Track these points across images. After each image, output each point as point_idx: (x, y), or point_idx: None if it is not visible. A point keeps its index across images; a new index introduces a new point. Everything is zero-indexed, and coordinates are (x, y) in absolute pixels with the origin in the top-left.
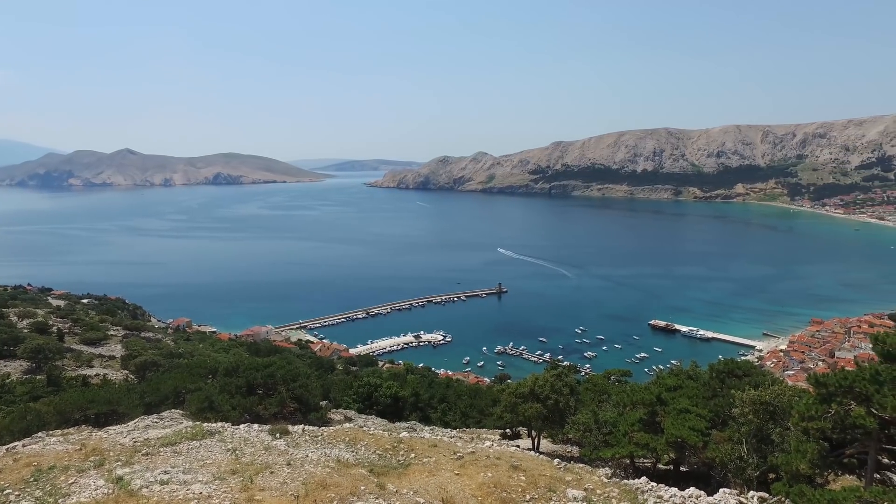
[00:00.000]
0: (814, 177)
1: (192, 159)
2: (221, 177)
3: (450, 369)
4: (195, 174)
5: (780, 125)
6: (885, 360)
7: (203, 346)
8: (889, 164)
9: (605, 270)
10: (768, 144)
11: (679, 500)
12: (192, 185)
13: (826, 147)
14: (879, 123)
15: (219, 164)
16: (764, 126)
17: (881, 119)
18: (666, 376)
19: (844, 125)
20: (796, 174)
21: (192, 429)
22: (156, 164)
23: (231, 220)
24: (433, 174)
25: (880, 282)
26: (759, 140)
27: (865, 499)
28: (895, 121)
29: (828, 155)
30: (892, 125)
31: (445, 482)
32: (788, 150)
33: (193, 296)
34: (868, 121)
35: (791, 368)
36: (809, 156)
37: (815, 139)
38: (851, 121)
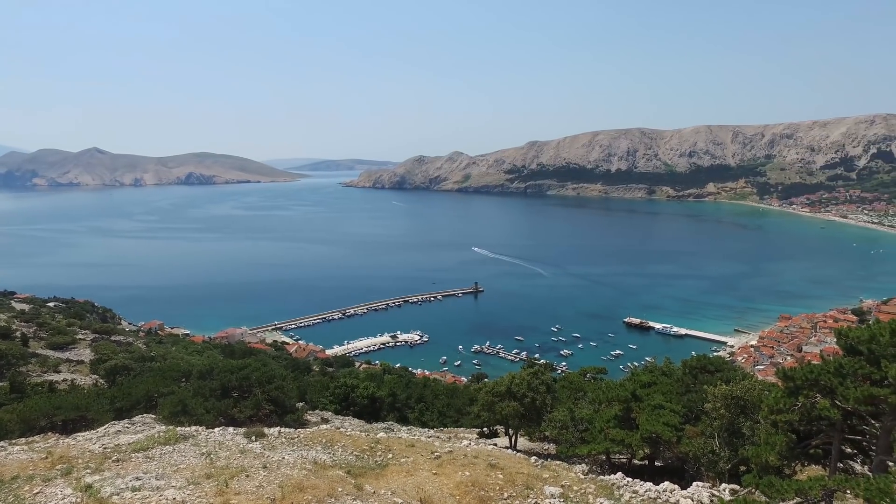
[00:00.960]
0: (781, 176)
1: (164, 159)
2: (194, 177)
3: (427, 369)
4: (167, 174)
5: (749, 126)
6: (847, 354)
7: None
8: (851, 165)
9: (580, 269)
10: (738, 144)
11: (654, 494)
12: (164, 185)
13: (793, 147)
14: (842, 125)
15: (191, 163)
16: (734, 126)
17: (843, 121)
18: (640, 373)
19: (810, 126)
20: (765, 174)
21: (165, 433)
22: (125, 163)
23: (204, 221)
24: (409, 174)
25: (844, 278)
26: (729, 140)
27: (829, 487)
28: (856, 123)
29: (794, 155)
30: (854, 127)
31: (423, 482)
32: (757, 150)
33: (166, 298)
34: (831, 122)
35: (761, 363)
36: (777, 156)
37: (782, 139)
38: (816, 122)
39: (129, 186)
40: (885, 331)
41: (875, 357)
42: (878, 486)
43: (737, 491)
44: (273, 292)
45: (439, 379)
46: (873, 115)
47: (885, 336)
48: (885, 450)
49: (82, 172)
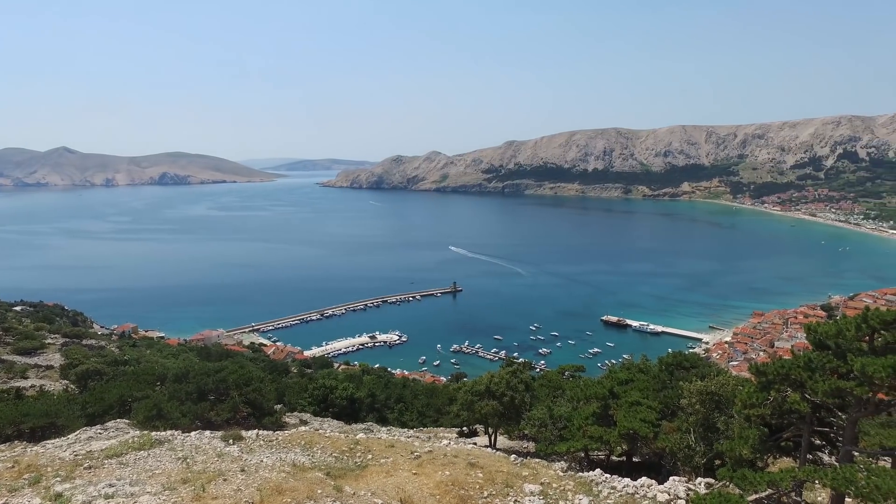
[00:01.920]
0: (754, 175)
1: (137, 158)
2: (168, 177)
3: (406, 369)
4: (140, 174)
5: (722, 126)
6: (816, 348)
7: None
8: (820, 164)
9: (558, 268)
10: (712, 144)
11: (631, 489)
12: (137, 185)
13: (764, 147)
14: (810, 126)
15: (165, 163)
16: (707, 127)
17: (812, 122)
18: (618, 370)
19: (780, 126)
20: (738, 173)
21: (140, 438)
22: (96, 163)
23: (179, 222)
24: (387, 174)
25: (814, 275)
26: (703, 140)
27: (799, 478)
28: (823, 124)
29: (766, 155)
30: (821, 128)
31: (403, 482)
32: (730, 149)
33: (139, 300)
34: (800, 123)
35: (735, 359)
36: (749, 155)
37: (754, 140)
38: (786, 123)
39: (101, 187)
40: (851, 326)
41: (842, 351)
42: (844, 475)
43: (712, 484)
44: (250, 294)
45: (418, 379)
46: (839, 116)
47: (850, 331)
48: (850, 440)
49: (50, 172)
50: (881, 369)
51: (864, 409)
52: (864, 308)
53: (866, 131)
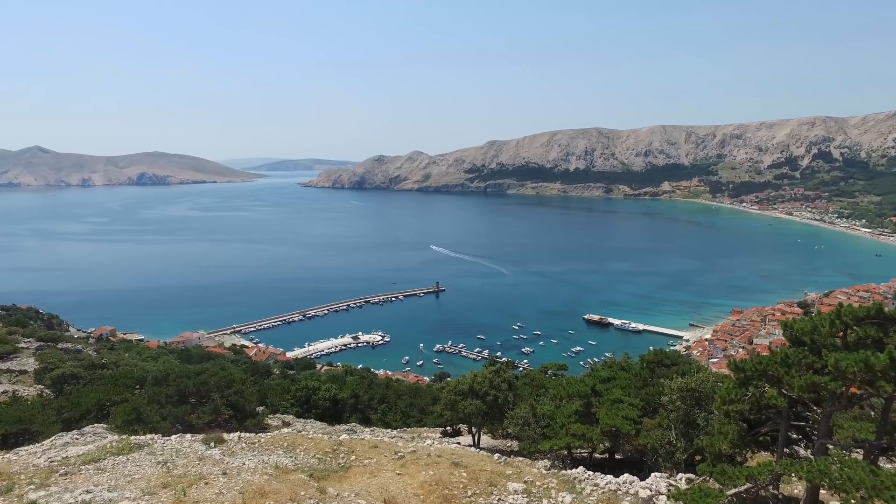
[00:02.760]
0: (732, 175)
1: (114, 158)
2: (146, 177)
3: (389, 369)
4: (117, 174)
5: (701, 126)
6: (793, 345)
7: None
8: (796, 164)
9: (540, 267)
10: (691, 144)
11: (614, 486)
12: (114, 185)
13: (742, 147)
14: (786, 126)
15: (143, 163)
16: (687, 127)
17: (788, 122)
18: (600, 368)
19: (758, 127)
20: (717, 172)
21: (118, 443)
22: (72, 163)
23: (158, 223)
24: (369, 173)
25: (790, 272)
26: (682, 140)
27: (776, 471)
28: (799, 124)
29: (744, 155)
30: (797, 128)
31: (387, 482)
32: (709, 149)
33: (118, 302)
34: (777, 124)
35: (715, 356)
36: (728, 155)
37: (732, 140)
38: (763, 123)
39: (77, 187)
40: (826, 322)
41: (817, 347)
42: (819, 467)
43: (692, 479)
44: (231, 295)
45: (402, 379)
46: (814, 117)
47: (825, 327)
48: (825, 434)
49: (23, 172)
50: (853, 364)
51: (838, 403)
52: (838, 304)
53: (839, 132)
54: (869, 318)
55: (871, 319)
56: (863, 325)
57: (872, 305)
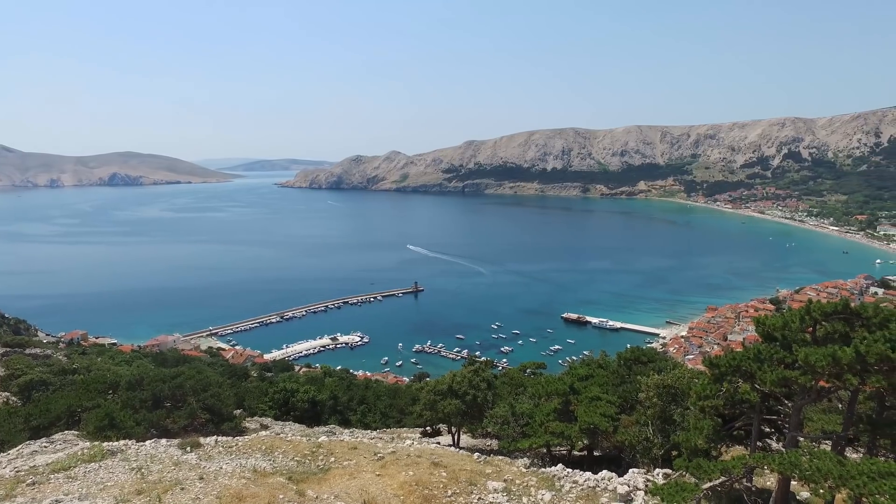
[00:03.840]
0: (706, 174)
1: (84, 158)
2: (119, 177)
3: (368, 370)
4: (88, 174)
5: (676, 126)
6: (765, 341)
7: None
8: (767, 164)
9: (519, 266)
10: (666, 144)
11: (593, 483)
12: (85, 186)
13: (716, 147)
14: (758, 127)
15: (115, 163)
16: (662, 127)
17: (759, 123)
18: (578, 367)
19: (730, 127)
20: (691, 172)
21: (90, 450)
22: (39, 162)
23: (131, 224)
24: (346, 174)
25: (762, 270)
26: (658, 140)
27: (749, 464)
28: (770, 125)
29: (717, 154)
30: (768, 129)
31: (367, 484)
32: (684, 149)
33: (89, 306)
34: (749, 124)
35: (691, 353)
36: (702, 155)
37: (706, 140)
38: (736, 123)
39: (45, 188)
40: (796, 318)
41: (788, 342)
42: (790, 460)
43: (669, 475)
44: (207, 297)
45: (381, 380)
46: (784, 118)
47: (795, 323)
48: (796, 426)
49: None
50: (822, 358)
51: (808, 397)
52: (808, 301)
53: (808, 132)
54: (836, 314)
55: (838, 315)
56: (830, 321)
57: (839, 301)
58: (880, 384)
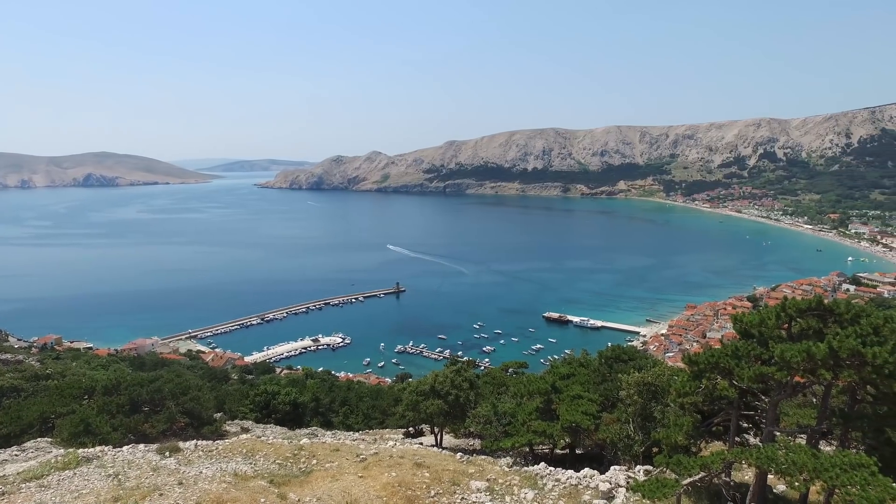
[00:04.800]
0: (685, 174)
1: (57, 158)
2: (93, 178)
3: (350, 372)
4: (61, 175)
5: (654, 126)
6: (742, 337)
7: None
8: (744, 164)
9: (500, 266)
10: (645, 144)
11: (575, 480)
12: (58, 187)
13: (694, 147)
14: (735, 127)
15: (90, 163)
16: (641, 127)
17: (735, 123)
18: (559, 365)
19: (708, 128)
20: (670, 172)
21: (64, 457)
22: (9, 163)
23: (107, 226)
24: (327, 174)
25: (740, 268)
26: (637, 140)
27: (728, 459)
28: (746, 125)
29: (695, 154)
30: (744, 129)
31: (349, 485)
32: (663, 149)
33: (64, 310)
34: (726, 125)
35: (671, 350)
36: (680, 155)
37: (684, 140)
38: (713, 124)
39: (15, 189)
40: (772, 315)
41: (764, 339)
42: (767, 454)
43: (650, 471)
44: (186, 299)
45: (363, 381)
46: (759, 118)
47: (771, 320)
48: (772, 421)
49: None
50: (797, 354)
51: (783, 392)
52: (783, 298)
53: (783, 133)
54: (810, 311)
55: (812, 311)
56: (805, 317)
57: (813, 298)
58: (852, 378)
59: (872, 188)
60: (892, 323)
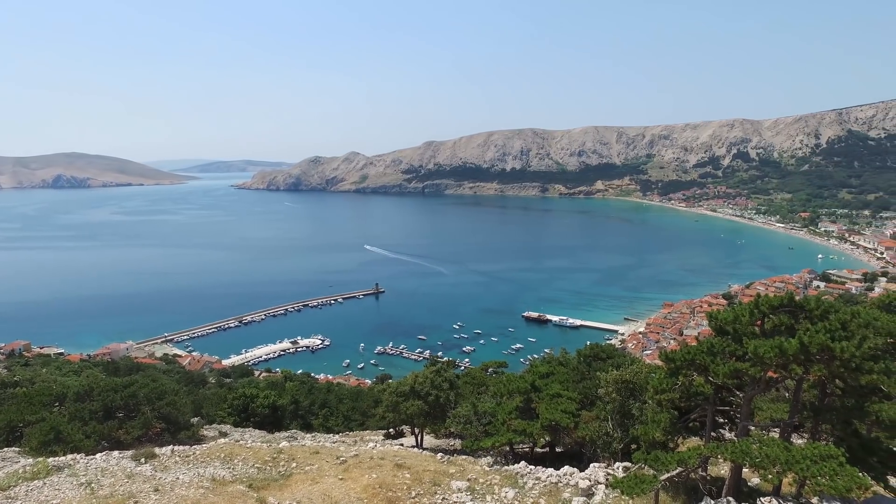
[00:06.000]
0: (661, 174)
1: (25, 159)
2: (63, 179)
3: (330, 373)
4: (29, 176)
5: (631, 127)
6: (717, 334)
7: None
8: (718, 164)
9: (479, 266)
10: (622, 144)
11: (555, 479)
12: (26, 188)
13: (669, 147)
14: (709, 128)
15: (60, 164)
16: (618, 127)
17: (710, 124)
18: (539, 364)
19: (683, 128)
20: (647, 171)
21: (33, 467)
22: None
23: (78, 228)
24: (305, 175)
25: (715, 266)
26: (614, 140)
27: (704, 454)
28: (720, 126)
29: (671, 154)
30: (718, 130)
31: (329, 488)
32: (639, 149)
33: (32, 315)
34: (700, 125)
35: (649, 348)
36: (656, 155)
37: (660, 140)
38: (688, 124)
39: None
40: (745, 312)
41: (738, 335)
42: (741, 448)
43: (629, 467)
44: (162, 302)
45: (343, 383)
46: (733, 119)
47: (745, 316)
48: (746, 416)
49: None
50: (770, 350)
51: (757, 387)
52: (756, 295)
53: (755, 133)
54: (782, 307)
55: (783, 308)
56: (777, 314)
57: (785, 295)
58: (822, 372)
59: (840, 187)
60: (859, 318)
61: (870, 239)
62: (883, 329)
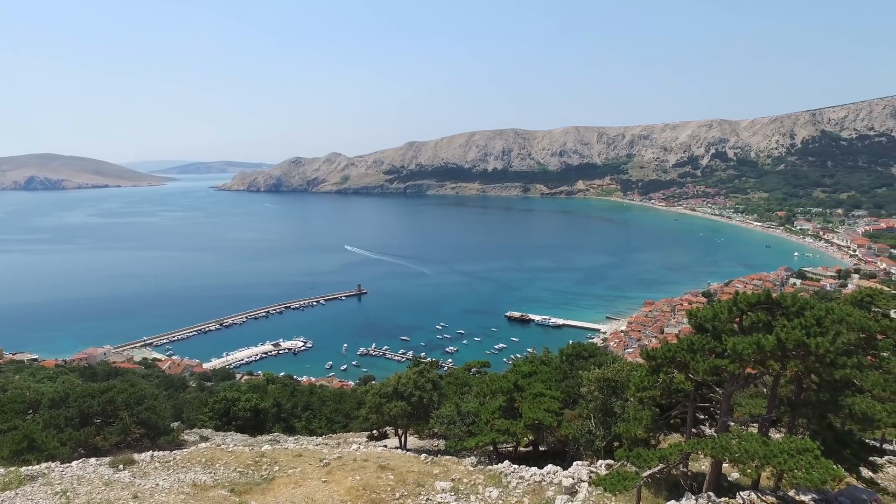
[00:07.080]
0: (641, 174)
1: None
2: (37, 181)
3: (313, 375)
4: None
5: (612, 127)
6: (697, 332)
7: (21, 377)
8: (697, 163)
9: (462, 266)
10: (603, 144)
11: (539, 477)
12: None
13: (649, 147)
14: (688, 128)
15: (32, 165)
16: (599, 128)
17: (689, 124)
18: (521, 364)
19: (662, 128)
20: (627, 171)
21: (5, 476)
22: None
23: (52, 231)
24: (286, 176)
25: (695, 264)
26: (595, 140)
27: (685, 450)
28: (698, 126)
29: (651, 154)
30: (697, 130)
31: (313, 491)
32: (620, 149)
33: (4, 320)
34: (680, 125)
35: (630, 346)
36: (637, 155)
37: (640, 140)
38: (668, 124)
39: None
40: (724, 309)
41: (718, 333)
42: (721, 444)
43: (611, 465)
44: (140, 306)
45: (326, 385)
46: (711, 119)
47: (724, 314)
48: (726, 412)
49: None
50: (748, 346)
51: (736, 383)
52: (735, 293)
53: (732, 133)
54: (760, 304)
55: (761, 305)
56: (755, 311)
57: (762, 293)
58: (798, 368)
59: (815, 187)
60: (833, 314)
61: (843, 237)
62: (856, 325)
